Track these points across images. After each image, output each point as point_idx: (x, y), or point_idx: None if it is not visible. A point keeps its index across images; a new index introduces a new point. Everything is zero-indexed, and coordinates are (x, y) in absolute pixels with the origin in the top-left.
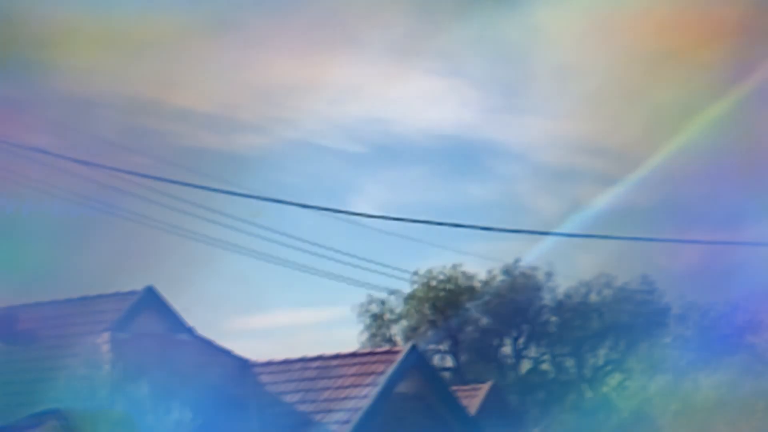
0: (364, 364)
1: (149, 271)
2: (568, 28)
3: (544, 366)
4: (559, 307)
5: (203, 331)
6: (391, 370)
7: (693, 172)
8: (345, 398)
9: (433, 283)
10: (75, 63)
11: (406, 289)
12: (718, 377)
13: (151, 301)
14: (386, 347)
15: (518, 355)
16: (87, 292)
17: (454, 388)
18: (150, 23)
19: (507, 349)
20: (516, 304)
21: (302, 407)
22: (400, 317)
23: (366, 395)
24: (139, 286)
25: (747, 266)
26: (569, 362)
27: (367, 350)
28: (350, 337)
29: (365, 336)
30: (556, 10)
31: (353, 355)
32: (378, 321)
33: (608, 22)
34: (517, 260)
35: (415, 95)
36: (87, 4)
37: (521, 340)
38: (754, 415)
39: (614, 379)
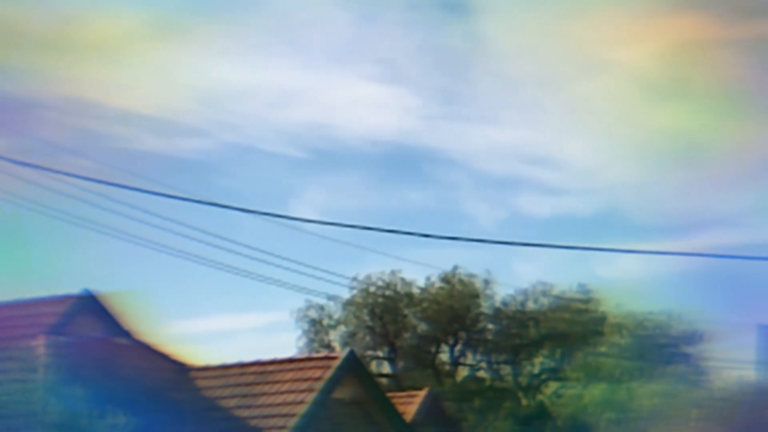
0: (301, 369)
1: (88, 274)
2: (512, 38)
3: (481, 373)
4: (497, 314)
5: (142, 335)
6: (328, 375)
7: (633, 182)
8: (282, 404)
9: (372, 289)
10: (18, 63)
11: (345, 294)
12: (653, 386)
13: (89, 304)
14: (324, 353)
15: (455, 362)
16: (24, 294)
17: (391, 394)
18: (94, 26)
19: (444, 356)
20: (454, 311)
21: (239, 412)
22: (338, 323)
23: (303, 401)
24: (77, 289)
25: (684, 276)
26: (506, 370)
27: (305, 356)
28: (288, 343)
29: (303, 341)
30: (501, 21)
31: (290, 360)
32: (316, 326)
33: (552, 33)
34: (455, 267)
35: (357, 101)
36: (30, 6)
37: (458, 347)
38: (688, 425)
39: (550, 387)
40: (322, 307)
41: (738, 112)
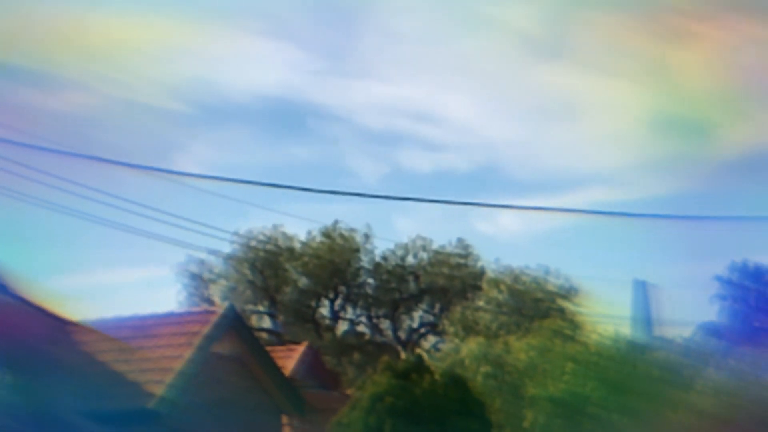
0: (180, 324)
1: None
2: None
3: (361, 327)
4: (376, 269)
5: (19, 290)
6: (207, 330)
7: (512, 139)
8: (160, 358)
9: (253, 243)
10: None
11: (226, 249)
12: (529, 340)
13: None
14: (204, 307)
15: (335, 316)
16: None
17: (271, 348)
18: None
19: (324, 311)
20: (334, 266)
21: (117, 367)
22: (219, 277)
23: (181, 355)
24: None
25: (562, 232)
26: (385, 324)
27: (184, 310)
28: (169, 297)
29: (184, 296)
30: None
31: (169, 315)
32: (197, 281)
33: None
34: (336, 222)
35: (242, 56)
36: None
37: (338, 302)
38: (563, 378)
39: (429, 341)
40: (202, 262)
41: (616, 71)
